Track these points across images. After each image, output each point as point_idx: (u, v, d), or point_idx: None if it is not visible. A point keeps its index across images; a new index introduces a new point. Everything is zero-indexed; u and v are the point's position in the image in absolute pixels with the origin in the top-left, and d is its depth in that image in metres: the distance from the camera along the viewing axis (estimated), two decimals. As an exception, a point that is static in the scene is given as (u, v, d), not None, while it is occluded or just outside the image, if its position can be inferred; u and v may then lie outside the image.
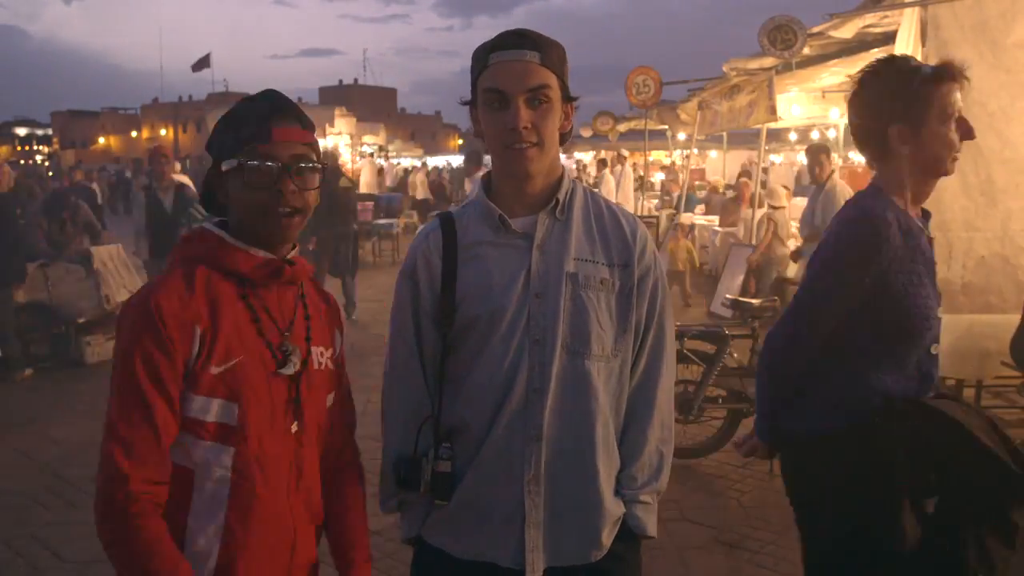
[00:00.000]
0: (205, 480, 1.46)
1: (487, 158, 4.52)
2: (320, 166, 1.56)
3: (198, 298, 1.46)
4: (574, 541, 1.67)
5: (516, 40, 1.62)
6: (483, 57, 1.64)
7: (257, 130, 1.51)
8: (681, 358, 4.95)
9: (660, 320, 1.75)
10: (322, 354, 1.62)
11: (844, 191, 6.78)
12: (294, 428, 1.54)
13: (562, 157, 1.87)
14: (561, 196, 1.69)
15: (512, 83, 1.59)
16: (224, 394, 1.46)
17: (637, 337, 1.73)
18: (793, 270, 8.91)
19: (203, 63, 41.42)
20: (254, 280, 1.53)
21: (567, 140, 1.71)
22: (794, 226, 9.44)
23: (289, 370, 1.53)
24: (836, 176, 6.94)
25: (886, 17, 6.72)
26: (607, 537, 1.69)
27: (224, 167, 1.53)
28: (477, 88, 1.66)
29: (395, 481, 1.71)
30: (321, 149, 1.62)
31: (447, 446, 1.67)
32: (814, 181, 6.99)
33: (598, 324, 1.66)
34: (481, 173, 9.21)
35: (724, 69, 10.05)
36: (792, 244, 9.23)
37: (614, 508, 1.70)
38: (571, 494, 1.66)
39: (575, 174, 14.96)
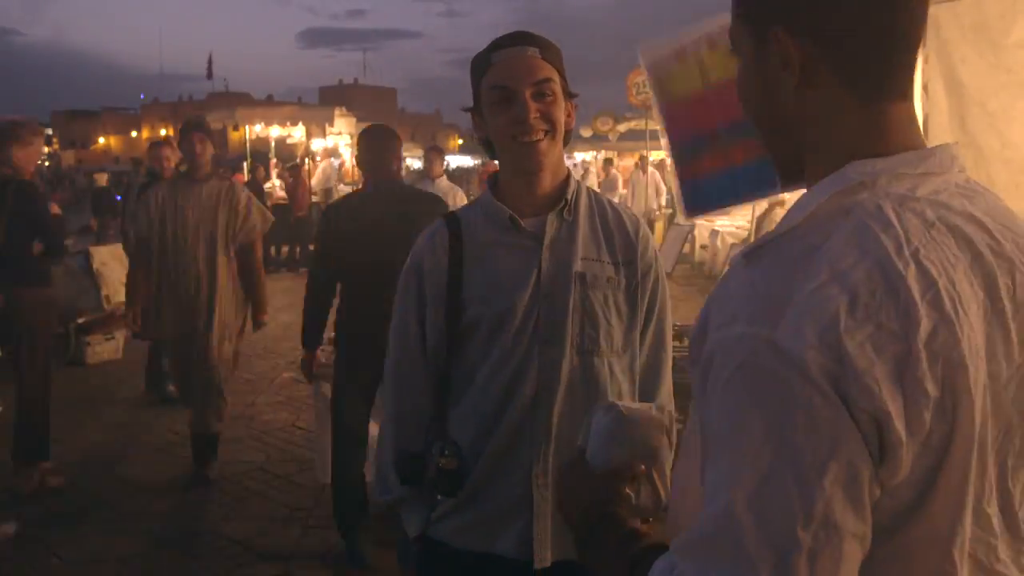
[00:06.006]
0: None
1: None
2: None
3: None
4: None
5: (515, 38, 1.65)
6: (484, 58, 1.66)
7: None
8: (681, 358, 4.93)
9: (660, 316, 1.78)
10: None
11: None
12: None
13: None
14: (569, 196, 1.71)
15: (517, 77, 1.61)
16: None
17: (640, 333, 1.76)
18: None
19: (208, 66, 41.53)
20: None
21: (569, 139, 1.72)
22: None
23: None
24: None
25: (886, 17, 6.72)
26: None
27: None
28: (480, 91, 1.67)
29: (398, 478, 1.71)
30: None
31: (453, 443, 1.66)
32: None
33: (606, 322, 1.68)
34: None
35: (724, 69, 10.04)
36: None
37: None
38: None
39: (580, 174, 14.92)
